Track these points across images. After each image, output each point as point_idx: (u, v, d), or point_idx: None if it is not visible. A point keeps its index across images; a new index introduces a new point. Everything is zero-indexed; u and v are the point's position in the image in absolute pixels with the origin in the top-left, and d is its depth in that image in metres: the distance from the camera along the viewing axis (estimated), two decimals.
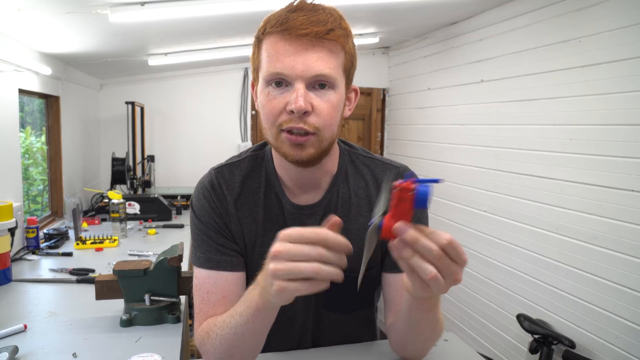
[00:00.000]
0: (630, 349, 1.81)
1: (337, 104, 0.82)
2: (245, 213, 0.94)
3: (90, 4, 1.70)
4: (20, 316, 1.35)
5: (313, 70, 0.77)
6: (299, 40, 0.77)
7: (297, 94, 0.77)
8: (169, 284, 1.30)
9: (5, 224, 1.64)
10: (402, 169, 0.98)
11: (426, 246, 0.60)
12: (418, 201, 0.60)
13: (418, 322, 0.82)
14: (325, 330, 1.02)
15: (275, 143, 0.83)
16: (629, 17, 1.82)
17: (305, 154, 0.81)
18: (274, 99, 0.80)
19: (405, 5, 2.40)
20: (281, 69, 0.78)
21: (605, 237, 1.93)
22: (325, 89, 0.80)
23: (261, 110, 0.83)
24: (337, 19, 0.80)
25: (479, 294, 2.76)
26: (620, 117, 1.86)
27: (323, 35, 0.77)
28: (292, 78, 0.78)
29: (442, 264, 0.60)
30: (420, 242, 0.60)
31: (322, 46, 0.78)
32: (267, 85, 0.81)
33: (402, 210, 0.61)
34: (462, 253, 0.61)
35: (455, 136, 3.00)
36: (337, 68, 0.81)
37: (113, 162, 3.07)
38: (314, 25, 0.76)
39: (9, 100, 2.04)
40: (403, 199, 0.61)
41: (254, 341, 0.81)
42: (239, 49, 3.11)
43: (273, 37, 0.80)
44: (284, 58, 0.78)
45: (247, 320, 0.76)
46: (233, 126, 3.94)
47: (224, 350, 0.82)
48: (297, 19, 0.77)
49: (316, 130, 0.80)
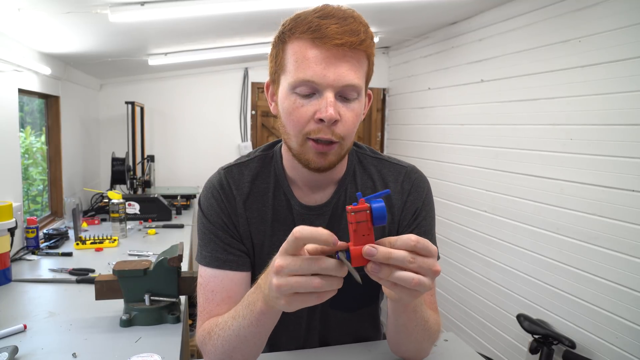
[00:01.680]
0: (630, 349, 1.81)
1: (360, 112, 0.83)
2: (254, 213, 0.94)
3: (90, 3, 1.70)
4: (20, 316, 1.35)
5: (344, 80, 0.78)
6: (332, 49, 0.77)
7: (327, 102, 0.77)
8: (168, 284, 1.30)
9: (5, 224, 1.64)
10: (409, 169, 0.99)
11: (399, 257, 0.60)
12: (376, 218, 0.60)
13: (406, 325, 0.83)
14: (332, 329, 1.03)
15: (300, 149, 0.83)
16: (629, 17, 1.82)
17: (327, 161, 0.83)
18: (302, 107, 0.80)
19: (405, 5, 2.40)
20: (312, 76, 0.77)
21: (605, 237, 1.92)
22: (351, 99, 0.81)
23: (287, 116, 0.82)
24: (366, 28, 0.80)
25: (479, 294, 2.76)
26: (620, 117, 1.86)
27: (356, 46, 0.77)
28: (322, 86, 0.78)
29: (418, 265, 0.60)
30: (393, 256, 0.59)
31: (352, 56, 0.78)
32: (293, 91, 0.80)
33: (363, 232, 0.60)
34: (429, 245, 0.61)
35: (455, 136, 3.00)
36: (362, 77, 0.81)
37: (113, 162, 3.07)
38: (348, 36, 0.76)
39: (9, 100, 2.04)
40: (361, 220, 0.60)
41: (256, 342, 0.81)
42: (239, 49, 3.11)
43: (302, 42, 0.78)
44: (315, 65, 0.77)
45: (251, 323, 0.76)
46: (233, 126, 3.94)
47: (225, 351, 0.82)
48: (329, 27, 0.76)
49: (340, 140, 0.81)
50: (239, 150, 3.93)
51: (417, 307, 0.80)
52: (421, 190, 0.97)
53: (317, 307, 0.99)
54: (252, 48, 3.09)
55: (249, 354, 0.83)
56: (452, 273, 3.02)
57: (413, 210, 0.96)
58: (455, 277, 3.00)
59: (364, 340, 1.07)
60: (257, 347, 0.82)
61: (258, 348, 0.83)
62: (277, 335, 1.05)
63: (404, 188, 0.96)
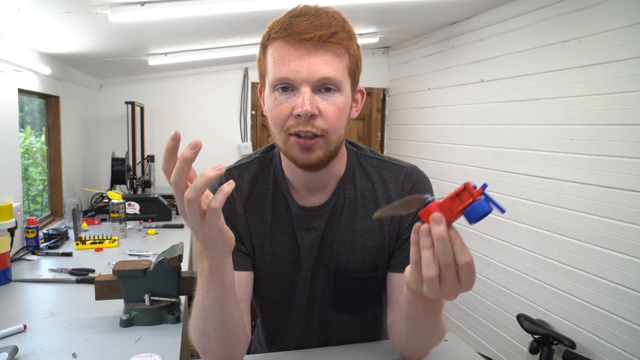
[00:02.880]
0: (630, 349, 1.81)
1: (344, 107, 0.83)
2: (254, 214, 0.95)
3: (90, 4, 1.70)
4: (20, 316, 1.34)
5: (318, 73, 0.78)
6: (303, 44, 0.78)
7: (303, 97, 0.78)
8: (168, 284, 1.29)
9: (5, 224, 1.64)
10: (409, 169, 0.98)
11: (445, 250, 0.59)
12: (471, 212, 0.57)
13: (415, 320, 0.81)
14: (333, 331, 1.02)
15: (284, 147, 0.84)
16: (629, 17, 1.82)
17: (313, 157, 0.82)
18: (280, 104, 0.81)
19: (405, 5, 2.40)
20: (286, 73, 0.79)
21: (605, 237, 1.92)
22: (330, 92, 0.81)
23: (269, 115, 0.84)
24: (341, 22, 0.81)
25: (479, 294, 2.76)
26: (620, 117, 1.86)
27: (327, 39, 0.78)
28: (297, 82, 0.79)
29: (448, 274, 0.60)
30: (443, 243, 0.59)
31: (326, 50, 0.79)
32: (274, 90, 0.82)
33: (452, 206, 0.59)
34: (472, 280, 0.60)
35: (455, 136, 3.00)
36: (342, 71, 0.81)
37: (113, 162, 3.07)
38: (318, 30, 0.77)
39: (9, 100, 2.04)
40: (461, 198, 0.58)
41: (223, 311, 0.77)
42: (239, 49, 3.11)
43: (277, 42, 0.81)
44: (289, 63, 0.79)
45: (208, 288, 0.75)
46: (233, 126, 3.94)
47: (201, 331, 0.80)
48: (300, 24, 0.78)
49: (324, 133, 0.81)
50: (238, 150, 3.93)
51: (428, 310, 0.78)
52: (422, 191, 0.97)
53: (316, 308, 0.99)
54: (252, 48, 3.09)
55: (221, 328, 0.79)
56: None
57: (414, 212, 0.95)
58: None
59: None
60: (225, 317, 0.78)
61: (228, 319, 0.79)
62: (277, 335, 1.05)
63: (404, 189, 0.96)
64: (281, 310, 1.01)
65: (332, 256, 0.95)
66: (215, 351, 0.82)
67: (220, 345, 0.81)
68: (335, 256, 0.95)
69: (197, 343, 0.83)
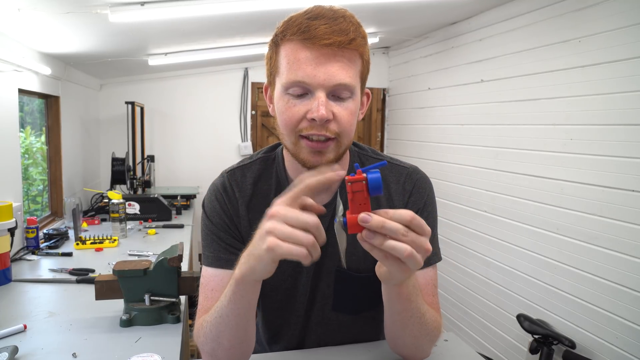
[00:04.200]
0: (630, 349, 1.81)
1: (355, 111, 0.84)
2: (257, 215, 0.94)
3: (90, 4, 1.70)
4: (20, 316, 1.34)
5: (335, 79, 0.78)
6: (322, 49, 0.78)
7: (319, 102, 0.78)
8: (168, 284, 1.29)
9: (5, 224, 1.64)
10: (411, 170, 0.98)
11: (393, 227, 0.62)
12: (372, 188, 0.63)
13: (401, 314, 0.82)
14: (334, 331, 1.02)
15: (294, 149, 0.84)
16: (628, 17, 1.82)
17: (324, 160, 0.83)
18: (294, 107, 0.81)
19: (405, 5, 2.40)
20: (302, 77, 0.78)
21: (605, 237, 1.92)
22: (344, 97, 0.81)
23: (279, 116, 0.84)
24: (357, 27, 0.80)
25: (479, 294, 2.76)
26: (620, 117, 1.86)
27: (345, 45, 0.78)
28: (313, 87, 0.79)
29: (411, 239, 0.63)
30: (387, 225, 0.62)
31: (342, 55, 0.79)
32: (286, 91, 0.81)
33: (359, 201, 0.64)
34: (424, 224, 0.64)
35: (455, 136, 3.00)
36: (355, 76, 0.82)
37: (113, 162, 3.07)
38: (337, 35, 0.77)
39: (9, 100, 2.04)
40: (357, 190, 0.63)
41: (238, 323, 0.80)
42: (239, 49, 3.11)
43: (293, 44, 0.80)
44: (306, 66, 0.78)
45: (230, 299, 0.76)
46: (233, 126, 3.94)
47: (213, 337, 0.82)
48: (318, 28, 0.77)
49: (336, 136, 0.81)
50: (239, 150, 3.93)
51: (412, 296, 0.79)
52: (423, 191, 0.97)
53: (315, 308, 0.99)
54: (252, 48, 3.09)
55: (234, 338, 0.82)
56: (452, 273, 3.02)
57: (414, 211, 0.95)
58: (455, 277, 3.00)
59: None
60: (240, 329, 0.81)
61: (242, 331, 0.81)
62: (278, 334, 1.05)
63: (405, 189, 0.96)
64: (283, 309, 1.01)
65: (334, 256, 0.95)
66: (224, 359, 0.84)
67: (229, 354, 0.84)
68: (337, 256, 0.95)
69: (206, 347, 0.84)
